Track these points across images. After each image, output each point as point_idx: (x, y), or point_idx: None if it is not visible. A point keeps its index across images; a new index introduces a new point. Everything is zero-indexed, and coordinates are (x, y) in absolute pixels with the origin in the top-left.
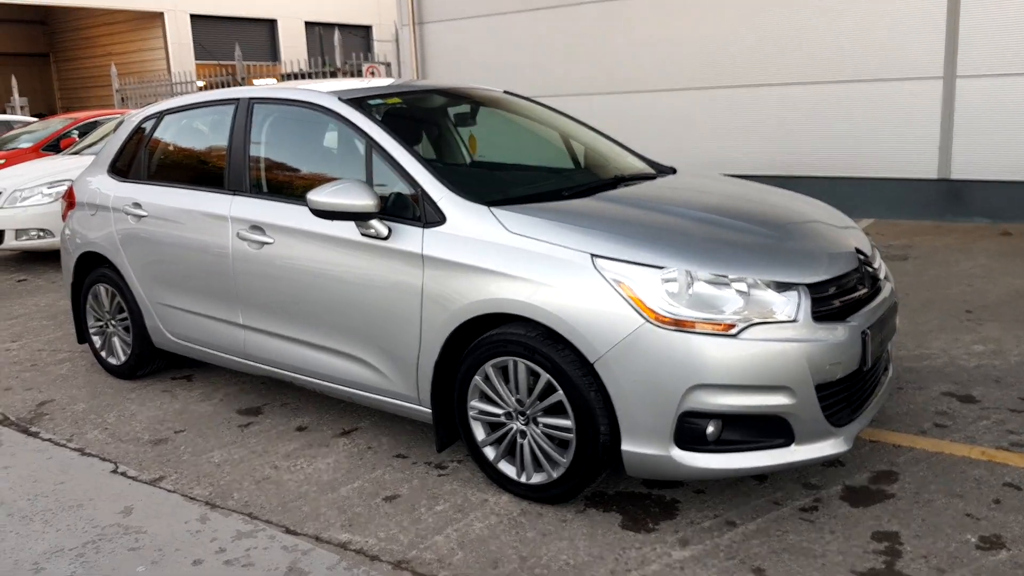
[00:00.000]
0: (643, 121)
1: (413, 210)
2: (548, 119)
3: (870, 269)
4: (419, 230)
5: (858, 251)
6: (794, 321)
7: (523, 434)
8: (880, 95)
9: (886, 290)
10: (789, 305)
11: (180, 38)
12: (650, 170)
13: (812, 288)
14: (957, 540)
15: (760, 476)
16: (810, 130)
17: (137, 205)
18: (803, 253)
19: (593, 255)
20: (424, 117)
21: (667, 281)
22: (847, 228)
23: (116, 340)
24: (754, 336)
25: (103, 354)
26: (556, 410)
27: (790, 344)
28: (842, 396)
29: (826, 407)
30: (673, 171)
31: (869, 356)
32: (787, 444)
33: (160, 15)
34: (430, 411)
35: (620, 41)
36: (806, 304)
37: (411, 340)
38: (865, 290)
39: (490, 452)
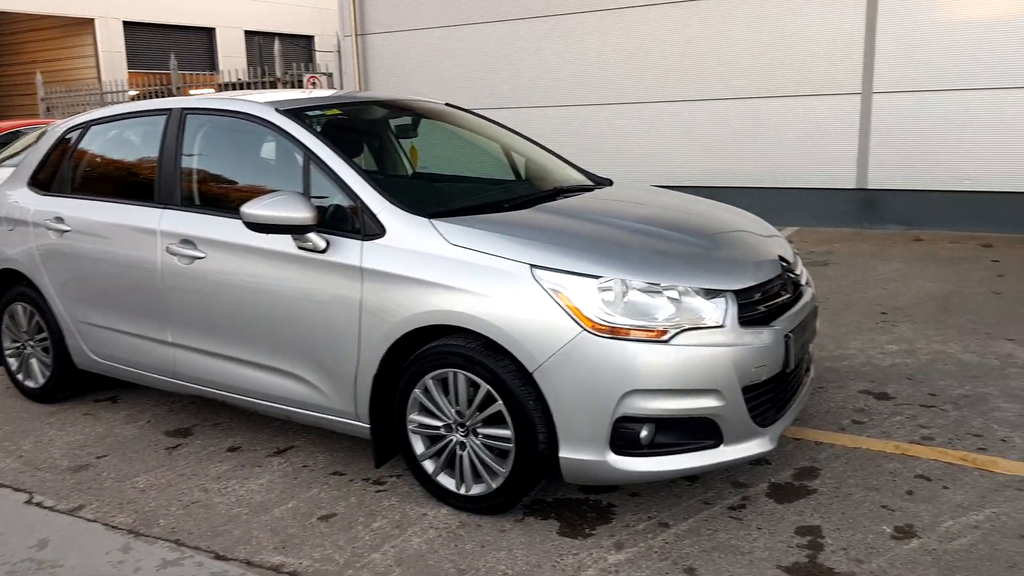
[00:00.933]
0: (582, 134)
1: (352, 222)
2: (489, 132)
3: (792, 275)
4: (358, 243)
5: (781, 258)
6: (722, 326)
7: (462, 446)
8: (804, 109)
9: (807, 295)
10: (717, 311)
11: (112, 46)
12: (588, 182)
13: (739, 294)
14: (874, 531)
15: (692, 477)
16: (738, 143)
17: (59, 220)
18: (730, 261)
19: (532, 266)
20: (365, 129)
21: (603, 290)
22: (771, 236)
23: (34, 362)
24: (684, 342)
25: (19, 377)
26: (495, 421)
27: (718, 348)
28: (767, 397)
29: (752, 408)
30: (610, 183)
31: (792, 358)
32: (716, 445)
33: (91, 22)
34: (368, 426)
35: (558, 56)
36: (733, 310)
37: (349, 354)
38: (788, 295)
39: (429, 465)
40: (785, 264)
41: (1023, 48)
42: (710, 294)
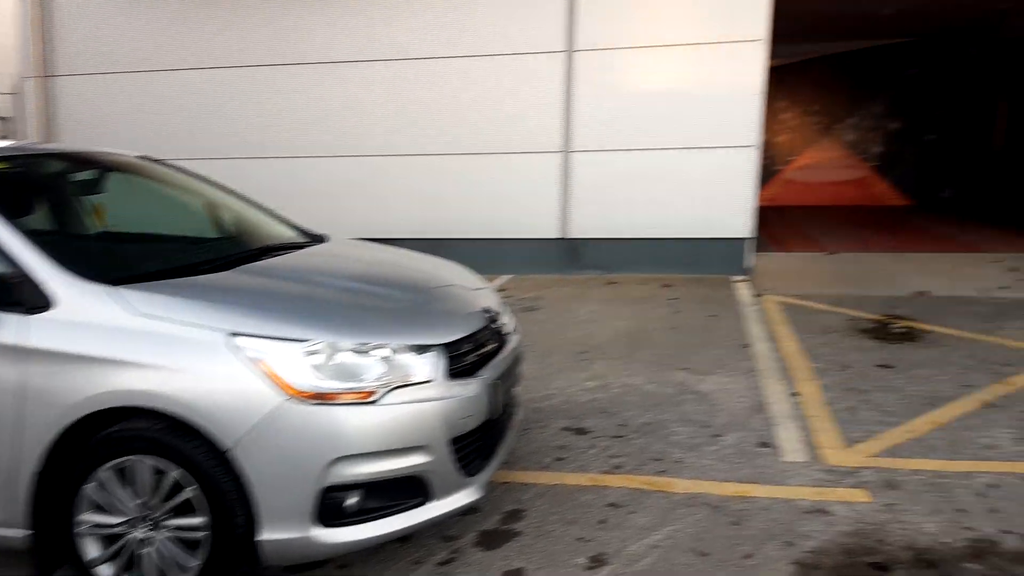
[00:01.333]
0: (299, 186)
1: (12, 294)
2: (191, 186)
3: (497, 325)
4: (20, 317)
5: (487, 310)
6: (431, 381)
7: (146, 542)
8: (515, 166)
9: (512, 342)
10: (427, 366)
11: None
12: (300, 239)
13: (448, 347)
14: (571, 565)
15: (404, 537)
16: (456, 197)
17: None
18: (441, 315)
19: (230, 333)
20: (37, 185)
21: (310, 354)
22: (478, 289)
23: None
24: (393, 400)
25: None
26: (186, 509)
27: (427, 404)
28: (475, 447)
29: (460, 459)
30: (323, 239)
31: (499, 405)
32: (424, 502)
33: None
34: (28, 533)
35: (276, 106)
36: (443, 363)
37: (2, 450)
38: (494, 345)
39: (105, 571)
40: (490, 315)
41: (693, 113)
42: (420, 350)
